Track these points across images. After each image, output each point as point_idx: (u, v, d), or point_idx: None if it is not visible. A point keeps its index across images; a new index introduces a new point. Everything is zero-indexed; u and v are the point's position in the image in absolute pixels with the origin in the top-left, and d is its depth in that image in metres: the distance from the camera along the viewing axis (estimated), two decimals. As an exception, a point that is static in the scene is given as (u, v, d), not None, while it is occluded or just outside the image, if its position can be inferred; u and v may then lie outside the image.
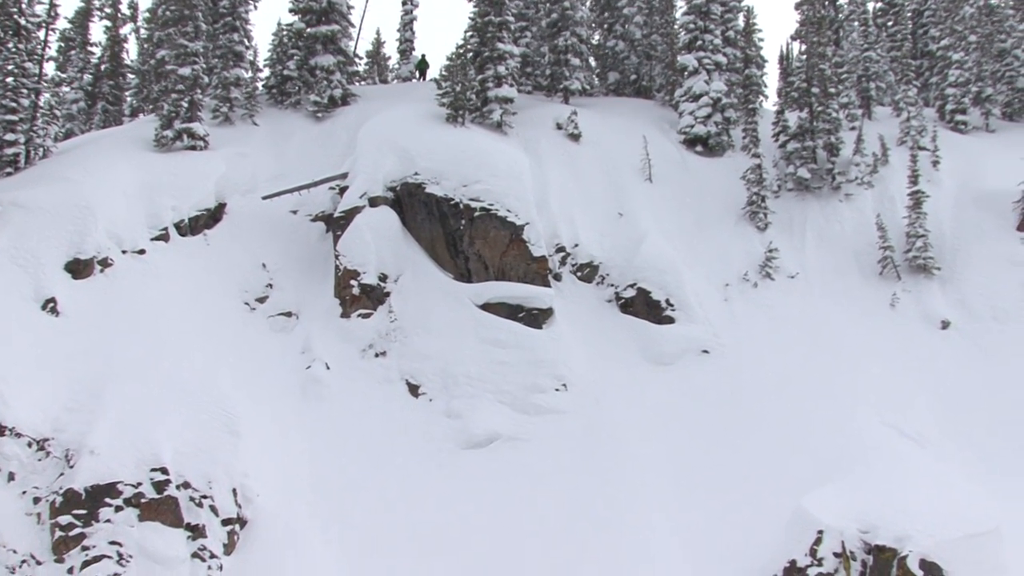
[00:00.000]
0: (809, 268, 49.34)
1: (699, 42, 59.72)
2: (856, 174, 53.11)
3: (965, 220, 50.59)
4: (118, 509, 32.77)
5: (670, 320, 45.78)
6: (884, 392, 41.25)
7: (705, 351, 44.36)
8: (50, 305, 39.23)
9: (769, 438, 38.63)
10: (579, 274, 48.18)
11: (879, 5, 73.37)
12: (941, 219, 50.52)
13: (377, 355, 42.85)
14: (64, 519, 32.37)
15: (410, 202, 47.21)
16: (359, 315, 44.17)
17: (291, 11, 60.05)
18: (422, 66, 70.63)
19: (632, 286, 46.98)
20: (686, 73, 59.50)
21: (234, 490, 34.97)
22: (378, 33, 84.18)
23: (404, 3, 72.90)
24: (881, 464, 35.65)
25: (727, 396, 41.32)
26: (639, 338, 45.05)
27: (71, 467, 33.57)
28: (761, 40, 64.88)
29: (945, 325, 45.91)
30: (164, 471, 33.78)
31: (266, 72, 60.84)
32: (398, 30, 72.96)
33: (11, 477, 33.47)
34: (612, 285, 47.71)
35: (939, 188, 51.94)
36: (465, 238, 46.05)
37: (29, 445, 34.03)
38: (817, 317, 46.41)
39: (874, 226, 49.46)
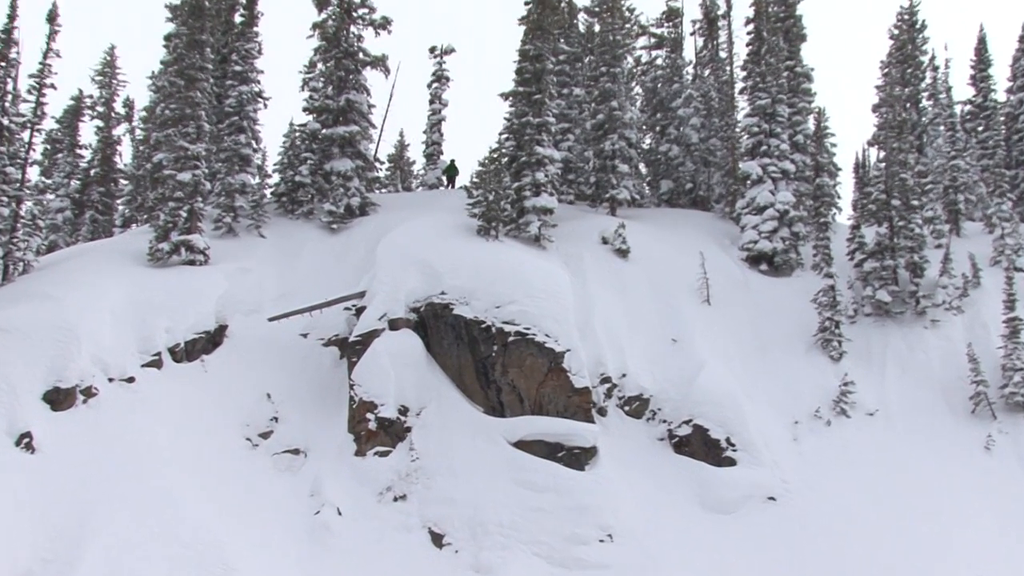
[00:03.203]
0: (890, 404, 49.09)
1: (764, 147, 60.26)
2: (943, 297, 53.05)
3: (1070, 351, 50.30)
4: (96, 674, 32.49)
5: (731, 462, 45.37)
6: (977, 546, 40.62)
7: (771, 498, 43.85)
8: (25, 440, 39.07)
9: (846, 599, 38.07)
10: (627, 408, 48.04)
11: (968, 108, 73.70)
12: (1042, 350, 50.28)
13: (396, 499, 42.51)
14: None
15: (435, 325, 47.45)
16: (376, 453, 44.02)
17: (305, 110, 61.05)
18: (451, 172, 71.30)
19: (688, 422, 46.75)
20: (749, 182, 59.96)
21: (229, 654, 34.60)
22: (401, 135, 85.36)
23: (431, 102, 73.94)
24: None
25: (797, 550, 40.65)
26: (695, 482, 44.64)
27: (45, 626, 33.38)
28: (834, 146, 65.56)
29: (1049, 471, 45.42)
30: (150, 632, 33.55)
31: (275, 178, 61.73)
32: (424, 132, 74.05)
33: (-26, 637, 33.23)
34: (665, 421, 47.49)
35: (1039, 314, 51.84)
36: (497, 366, 46.10)
37: (-3, 601, 33.85)
38: (899, 460, 45.98)
39: (965, 357, 49.27)
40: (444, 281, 47.82)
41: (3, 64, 51.72)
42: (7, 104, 51.05)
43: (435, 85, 74.53)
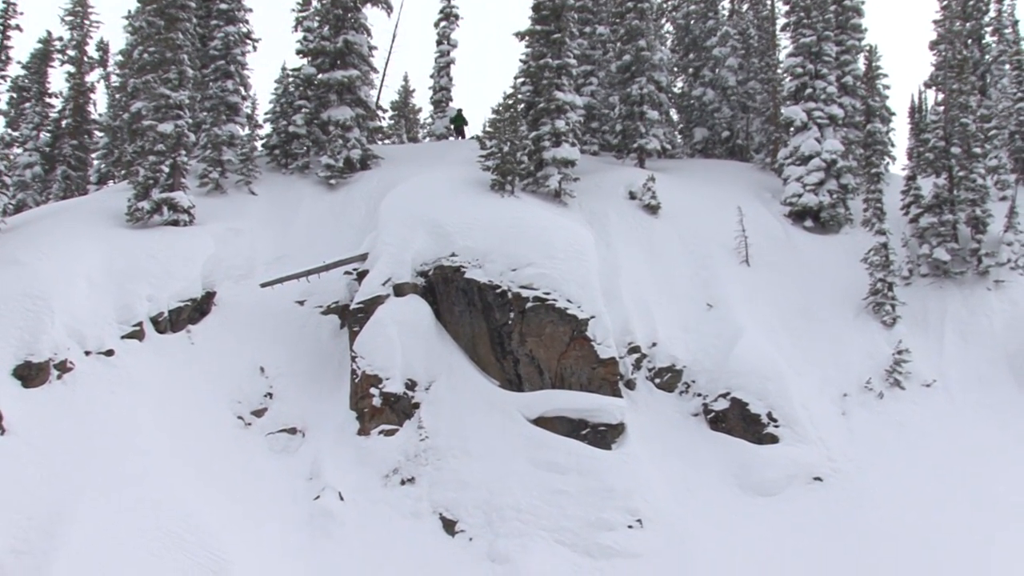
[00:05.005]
0: (949, 375, 49.15)
1: (809, 90, 60.19)
2: (1008, 256, 52.99)
3: None
4: (73, 677, 32.71)
5: (773, 439, 45.46)
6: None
7: (817, 478, 43.94)
8: (-6, 419, 39.40)
9: (900, 589, 38.20)
10: (657, 381, 48.20)
11: (1037, 44, 73.42)
12: (1121, 314, 50.33)
13: (403, 482, 42.70)
14: None
15: (445, 290, 47.66)
16: (381, 432, 44.28)
17: (299, 53, 60.99)
18: (459, 122, 71.32)
19: (725, 396, 46.86)
20: (792, 129, 59.90)
21: (221, 655, 34.86)
22: (406, 80, 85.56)
23: (439, 43, 73.82)
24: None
25: (846, 535, 40.57)
26: (734, 461, 44.72)
27: (17, 624, 33.54)
28: (887, 88, 65.16)
29: None
30: (133, 630, 33.80)
31: (267, 128, 61.74)
32: (431, 76, 74.04)
33: (-62, 635, 33.34)
34: (699, 394, 47.67)
35: (1117, 274, 51.89)
36: (514, 335, 46.28)
37: (-38, 595, 34.02)
38: (960, 437, 45.88)
39: (1033, 322, 49.36)
40: (455, 241, 47.91)
41: (-38, 5, 51.86)
42: (-34, 49, 51.19)
43: (443, 24, 74.41)
